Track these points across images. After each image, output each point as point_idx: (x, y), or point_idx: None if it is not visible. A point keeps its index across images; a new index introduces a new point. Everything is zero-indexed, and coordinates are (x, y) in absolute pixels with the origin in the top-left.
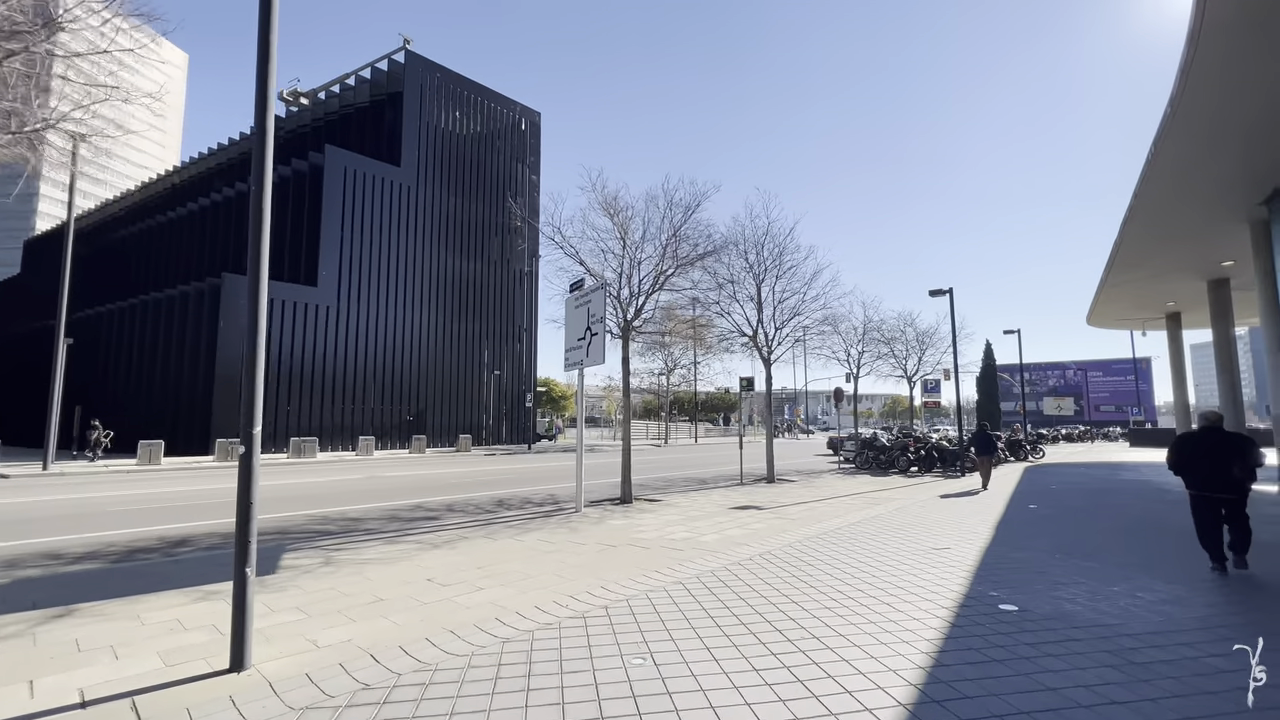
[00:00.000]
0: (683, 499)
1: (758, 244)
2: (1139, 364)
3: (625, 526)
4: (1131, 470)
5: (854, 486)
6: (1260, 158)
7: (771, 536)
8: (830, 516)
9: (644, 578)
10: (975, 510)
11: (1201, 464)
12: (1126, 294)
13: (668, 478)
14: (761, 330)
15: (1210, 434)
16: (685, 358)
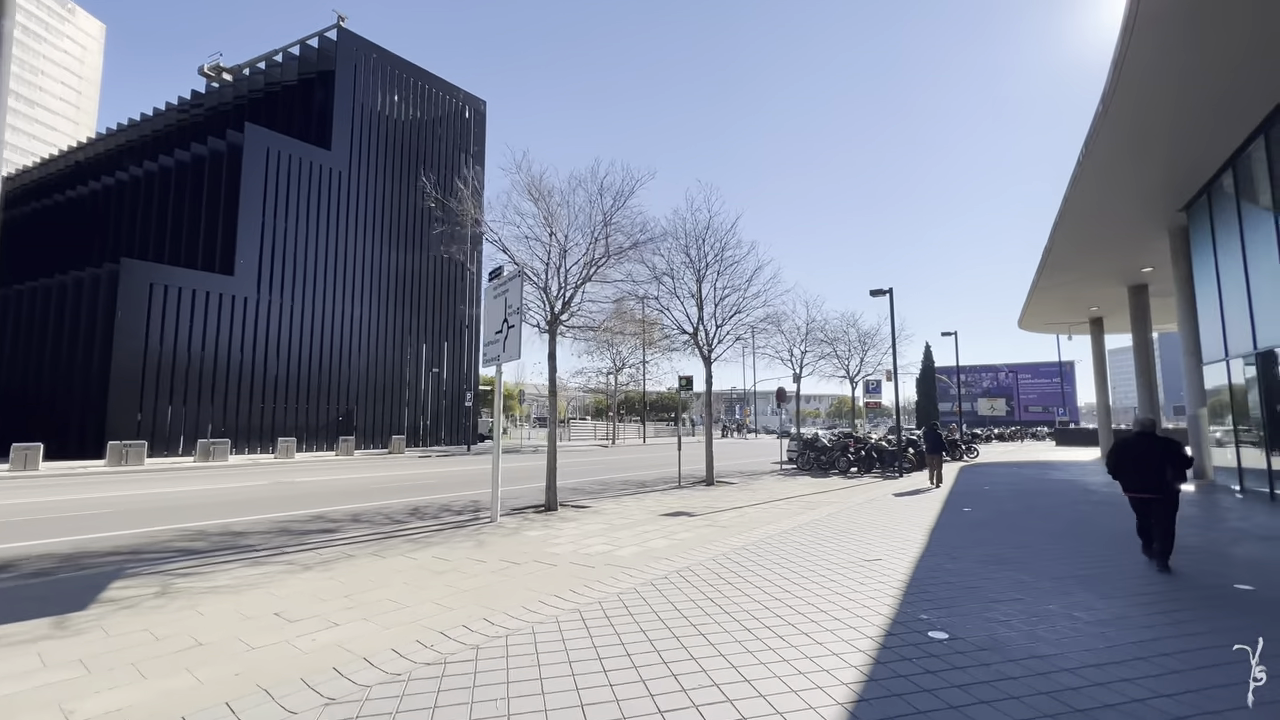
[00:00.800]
0: (614, 505)
1: (698, 238)
2: (1064, 367)
3: (540, 539)
4: (1059, 470)
5: (793, 489)
6: (1183, 162)
7: (697, 548)
8: (763, 523)
9: (538, 605)
10: (910, 515)
11: (1135, 467)
12: (1055, 298)
13: (606, 480)
14: (703, 328)
15: (1142, 439)
16: (634, 357)
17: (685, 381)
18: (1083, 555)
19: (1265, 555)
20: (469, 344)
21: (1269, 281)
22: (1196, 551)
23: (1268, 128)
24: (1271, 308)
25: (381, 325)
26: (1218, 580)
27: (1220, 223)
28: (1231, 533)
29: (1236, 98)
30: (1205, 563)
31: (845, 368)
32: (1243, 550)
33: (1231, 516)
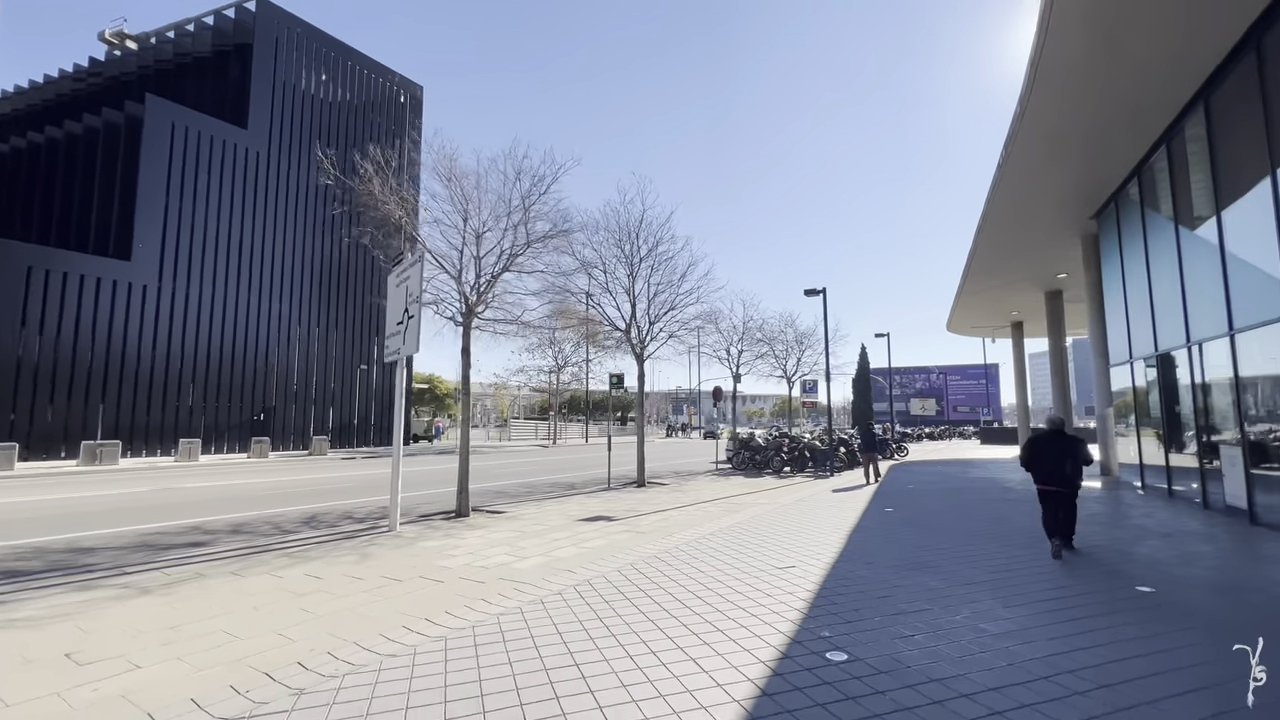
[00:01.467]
0: (533, 509)
1: (631, 232)
2: (989, 369)
3: (437, 549)
4: (981, 468)
5: (723, 489)
6: (1095, 169)
7: (606, 557)
8: (683, 527)
9: (401, 633)
10: (833, 516)
11: (1045, 462)
12: (979, 303)
13: (534, 483)
14: (635, 325)
15: (1053, 436)
16: (578, 355)
17: (616, 379)
18: (995, 556)
19: (1163, 554)
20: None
21: (1169, 288)
22: (1102, 551)
23: (1169, 138)
24: (1171, 313)
25: (305, 319)
26: (1121, 583)
27: (1126, 231)
28: (1134, 530)
29: (1144, 106)
30: (1109, 563)
31: (783, 367)
32: (1144, 549)
33: (1134, 513)
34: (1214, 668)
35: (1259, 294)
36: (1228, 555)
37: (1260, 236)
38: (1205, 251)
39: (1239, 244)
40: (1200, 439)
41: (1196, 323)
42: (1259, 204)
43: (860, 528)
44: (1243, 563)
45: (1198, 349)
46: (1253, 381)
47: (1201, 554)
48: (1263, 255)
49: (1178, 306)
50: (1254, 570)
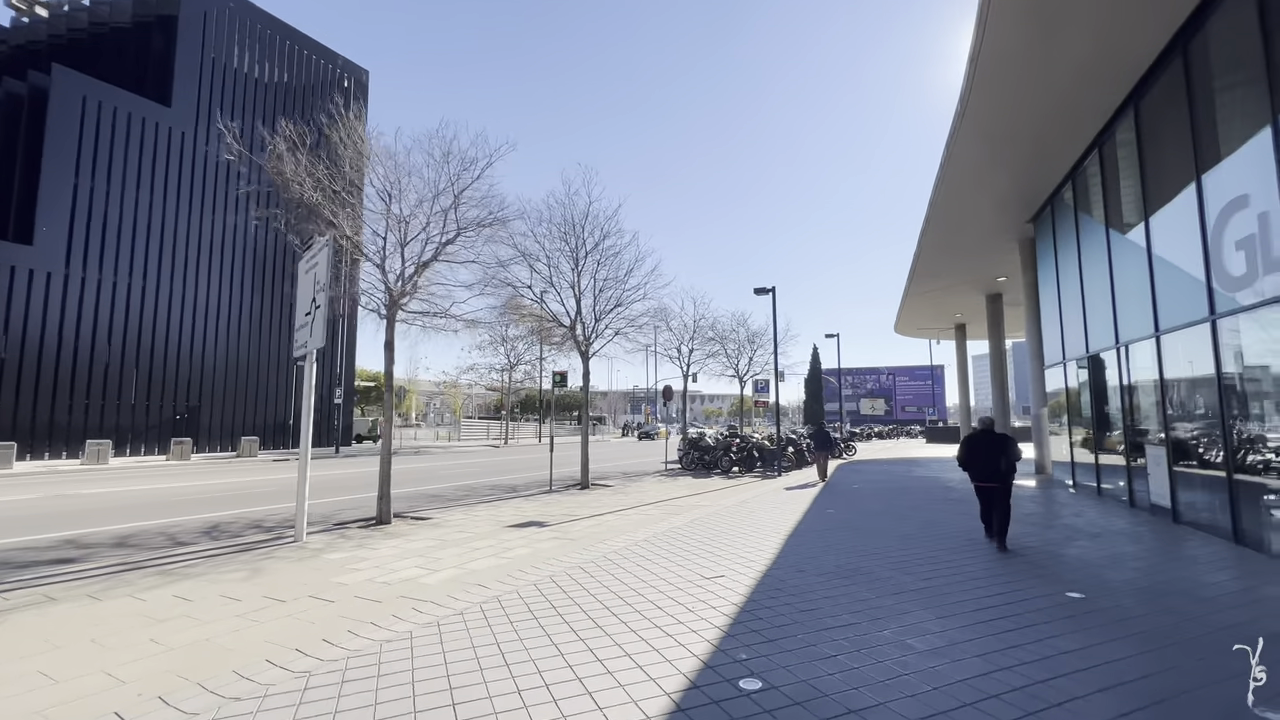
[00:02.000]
0: (463, 515)
1: (575, 225)
2: (934, 371)
3: (342, 562)
4: (924, 467)
5: (668, 491)
6: (1033, 171)
7: (526, 569)
8: (617, 533)
9: (260, 667)
10: (773, 518)
11: (979, 460)
12: (925, 304)
13: (474, 486)
14: (580, 322)
15: (985, 435)
16: (532, 353)
17: (559, 378)
18: (930, 561)
19: (1092, 555)
20: (340, 334)
21: (1100, 290)
22: (1034, 553)
23: (1101, 142)
24: (1102, 315)
25: (235, 312)
26: (1052, 588)
27: (1061, 234)
28: (1064, 530)
29: (1079, 108)
30: (1041, 566)
31: (735, 367)
32: (1074, 550)
33: (1065, 512)
34: (1152, 682)
35: (1183, 296)
36: (1152, 556)
37: (1185, 240)
38: (1134, 255)
39: (1165, 248)
40: (1127, 438)
41: (1125, 324)
42: (1185, 208)
43: (798, 531)
44: (1166, 564)
45: (1126, 350)
46: (1176, 382)
47: (1128, 555)
48: (1187, 258)
49: (1108, 309)
50: (1177, 572)
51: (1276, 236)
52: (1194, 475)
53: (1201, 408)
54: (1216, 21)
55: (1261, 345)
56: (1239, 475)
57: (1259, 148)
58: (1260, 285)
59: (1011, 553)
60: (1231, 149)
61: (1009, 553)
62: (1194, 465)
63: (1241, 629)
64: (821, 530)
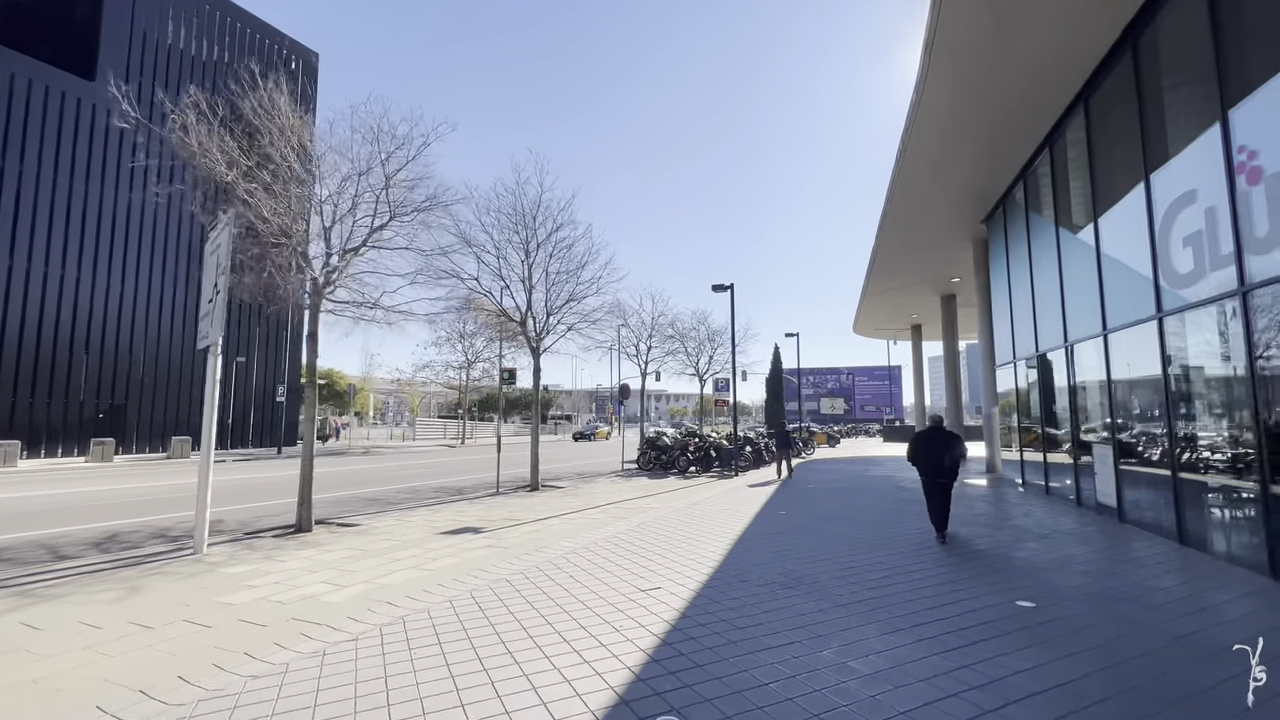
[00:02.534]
0: (395, 521)
1: (526, 214)
2: (892, 371)
3: (239, 577)
4: (880, 465)
5: (620, 493)
6: (986, 170)
7: (447, 583)
8: (557, 539)
9: (94, 716)
10: (723, 521)
11: (928, 456)
12: (882, 304)
13: (418, 488)
14: (531, 316)
15: (933, 432)
16: (490, 350)
17: (508, 375)
18: (879, 567)
19: (1042, 558)
20: (285, 328)
21: (1050, 290)
22: (985, 556)
23: (1052, 141)
24: (1051, 314)
25: (167, 303)
26: (1001, 597)
27: (1013, 234)
28: (1014, 532)
29: (1030, 104)
30: (991, 570)
31: (695, 365)
32: (1023, 553)
33: (1015, 513)
34: (1110, 708)
35: (1131, 295)
36: (1101, 559)
37: (1134, 239)
38: (1083, 254)
39: (1114, 246)
40: (1075, 438)
41: (1074, 324)
42: (1133, 207)
43: (747, 536)
44: (1115, 567)
45: (1073, 350)
46: (1123, 382)
47: (1077, 559)
48: (1135, 257)
49: (1057, 308)
50: (1126, 577)
51: (1224, 233)
52: (1139, 474)
53: (1147, 407)
54: (1167, 15)
55: (1206, 344)
56: (1183, 474)
57: (1208, 145)
58: (1207, 282)
59: (962, 556)
60: (1181, 147)
61: (949, 546)
62: (1140, 464)
63: (1194, 640)
64: (771, 534)
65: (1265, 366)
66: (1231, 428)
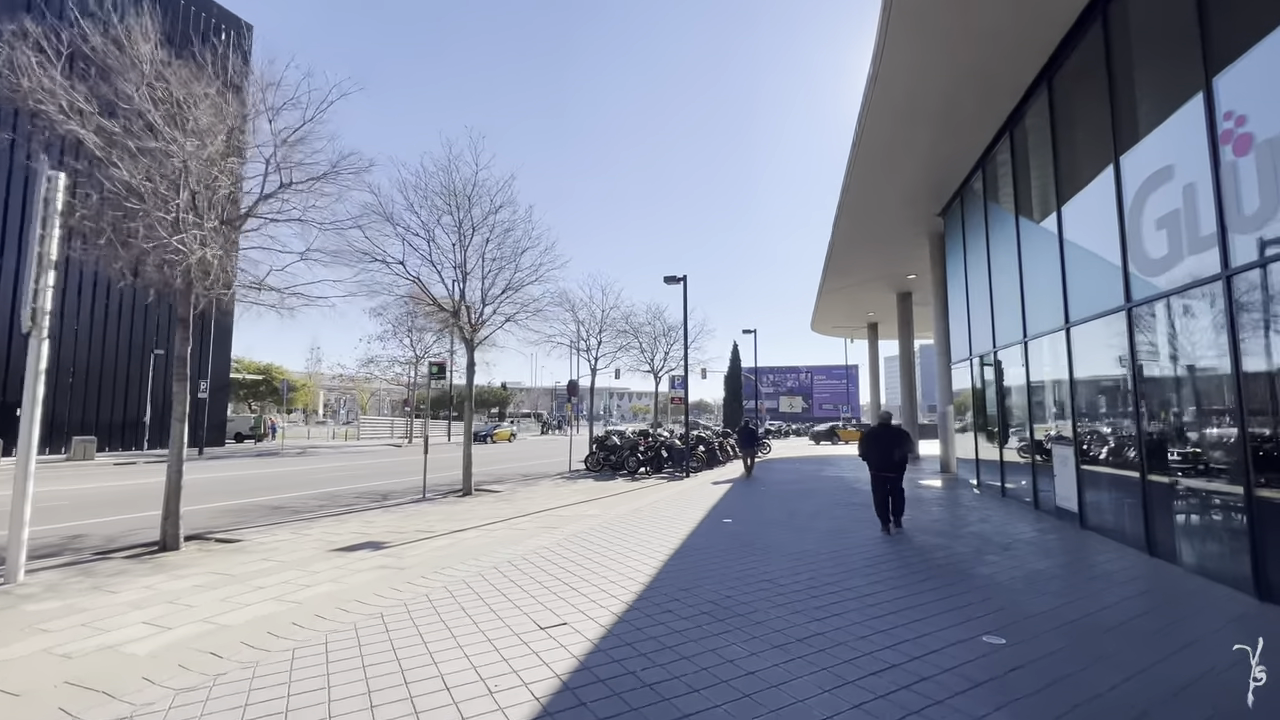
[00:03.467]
0: (289, 535)
1: (459, 195)
2: (849, 370)
3: (34, 620)
4: (834, 465)
5: (560, 497)
6: (943, 157)
7: (303, 621)
8: (466, 558)
9: None
10: (661, 533)
11: (877, 451)
12: (840, 302)
13: (337, 493)
14: (465, 307)
15: (884, 430)
16: (440, 344)
17: (436, 368)
18: (827, 589)
19: (1006, 575)
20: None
21: (1009, 284)
22: (943, 574)
23: (1013, 125)
24: (1010, 309)
25: (72, 288)
26: (966, 630)
27: (970, 227)
28: (973, 541)
29: (990, 84)
30: (951, 593)
31: (650, 362)
32: (986, 570)
33: (972, 518)
34: None
35: (1097, 285)
36: (1069, 575)
37: (1100, 226)
38: (1044, 244)
39: (1079, 234)
40: (1033, 437)
41: (1034, 318)
42: (1100, 192)
43: (685, 550)
44: (1086, 586)
45: (1034, 345)
46: (1087, 380)
47: (1044, 575)
48: (1102, 244)
49: (1016, 303)
50: (1100, 598)
51: (1205, 212)
52: (1104, 477)
53: (1113, 404)
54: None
55: (1181, 334)
56: (1153, 477)
57: (1188, 116)
58: (1183, 267)
59: (920, 573)
60: (1156, 121)
61: (905, 559)
62: (1104, 465)
63: (1201, 687)
64: (710, 550)
65: (1249, 358)
66: (1209, 425)
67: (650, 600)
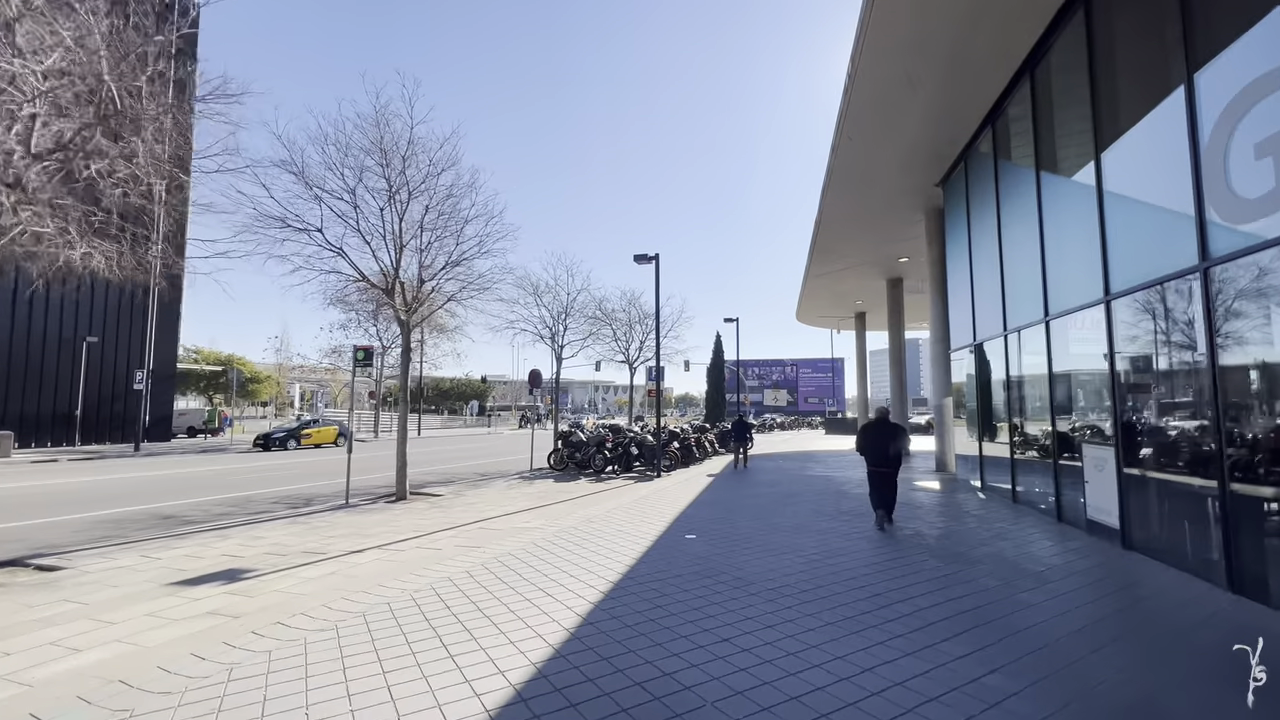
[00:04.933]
0: (134, 559)
1: (389, 153)
2: (835, 363)
3: None
4: (821, 462)
5: (506, 503)
6: (948, 110)
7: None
8: (335, 598)
9: None
10: (607, 554)
11: (874, 445)
12: (826, 288)
13: (251, 498)
14: (400, 283)
15: (879, 424)
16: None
17: (362, 354)
18: (805, 658)
19: (1057, 625)
20: (150, 302)
21: (1026, 254)
22: (972, 627)
23: (1033, 64)
24: (1027, 283)
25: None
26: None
27: (976, 194)
28: (996, 568)
29: (1008, 16)
30: (994, 658)
31: (625, 351)
32: (1027, 617)
33: (983, 532)
34: None
35: (1152, 243)
36: (1148, 625)
37: (1161, 167)
38: (1075, 201)
39: (1126, 183)
40: (1056, 433)
41: (1059, 292)
42: (1161, 127)
43: (625, 585)
44: (1180, 642)
45: (1058, 325)
46: (1134, 363)
47: (1108, 623)
48: (1165, 189)
49: (1034, 277)
50: (1215, 665)
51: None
52: (1158, 485)
53: (1173, 392)
54: None
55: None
56: (1238, 488)
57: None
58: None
59: (938, 625)
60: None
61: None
62: (1159, 471)
63: None
64: (665, 578)
65: None
66: None
67: (555, 680)
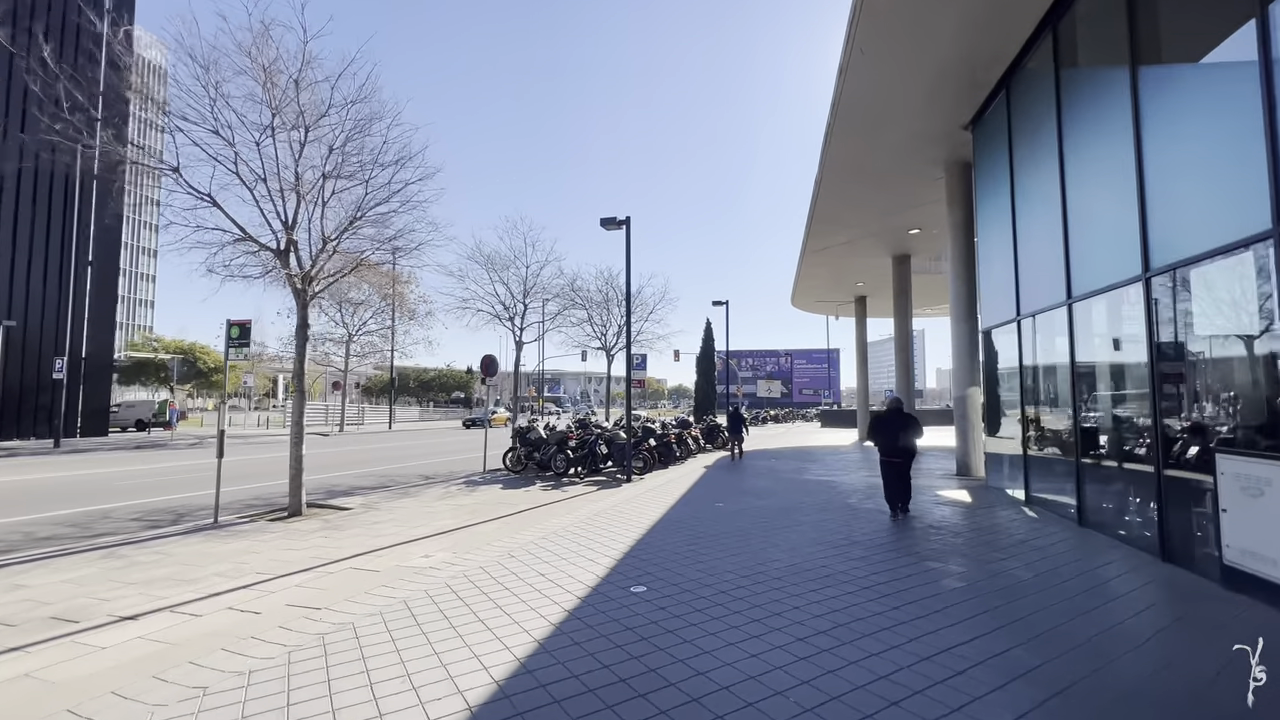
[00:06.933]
0: None
1: (275, 75)
2: (831, 354)
3: None
4: (819, 462)
5: (425, 521)
6: (988, 29)
7: None
8: (113, 693)
9: None
10: (526, 606)
11: (887, 437)
12: (825, 267)
13: (112, 511)
14: (293, 244)
15: (893, 415)
16: (379, 322)
17: (237, 330)
18: None
19: None
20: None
21: (1107, 193)
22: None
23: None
24: (1103, 234)
25: None
26: None
27: (1022, 131)
28: (1117, 680)
29: None
30: None
31: (602, 337)
32: None
33: (1054, 580)
34: None
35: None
36: None
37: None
38: (1175, 118)
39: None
40: (1160, 435)
41: (1161, 240)
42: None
43: (523, 676)
44: None
45: (1161, 283)
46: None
47: None
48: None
49: (1129, 214)
50: None
51: None
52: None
53: None
54: None
55: None
56: None
57: None
58: None
59: None
60: None
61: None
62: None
63: None
64: (580, 674)
65: None
66: None
67: None
